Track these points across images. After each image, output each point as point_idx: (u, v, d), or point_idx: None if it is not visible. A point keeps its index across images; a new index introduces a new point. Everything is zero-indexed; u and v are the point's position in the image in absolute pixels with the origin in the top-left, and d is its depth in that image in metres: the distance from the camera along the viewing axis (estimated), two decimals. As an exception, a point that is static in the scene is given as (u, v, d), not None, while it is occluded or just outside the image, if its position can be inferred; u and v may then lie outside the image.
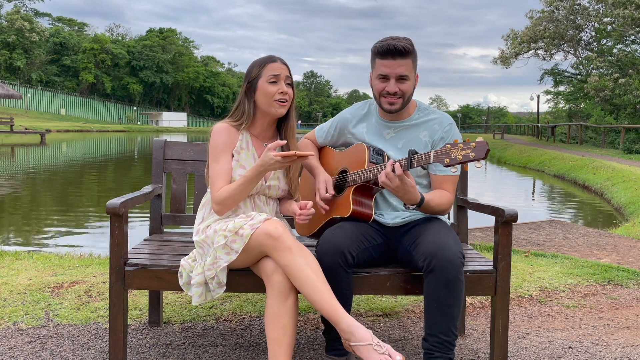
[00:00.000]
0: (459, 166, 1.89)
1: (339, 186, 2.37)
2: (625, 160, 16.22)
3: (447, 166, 1.90)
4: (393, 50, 2.18)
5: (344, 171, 2.37)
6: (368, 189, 2.29)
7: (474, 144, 1.86)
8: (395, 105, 2.26)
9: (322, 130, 2.56)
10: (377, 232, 2.28)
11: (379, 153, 2.30)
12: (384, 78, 2.24)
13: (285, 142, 2.06)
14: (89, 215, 8.29)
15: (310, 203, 2.16)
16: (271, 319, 1.98)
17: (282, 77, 2.20)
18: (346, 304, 2.12)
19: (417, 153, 2.02)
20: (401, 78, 2.22)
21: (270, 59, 2.21)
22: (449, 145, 1.91)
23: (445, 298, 2.00)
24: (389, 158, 2.30)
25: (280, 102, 2.19)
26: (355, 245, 2.13)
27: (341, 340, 2.13)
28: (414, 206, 2.12)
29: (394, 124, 2.35)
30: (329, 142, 2.55)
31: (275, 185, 2.26)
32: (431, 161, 1.95)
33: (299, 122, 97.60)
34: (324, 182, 2.34)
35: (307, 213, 2.14)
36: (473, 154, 1.85)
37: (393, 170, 2.01)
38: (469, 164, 1.89)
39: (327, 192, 2.31)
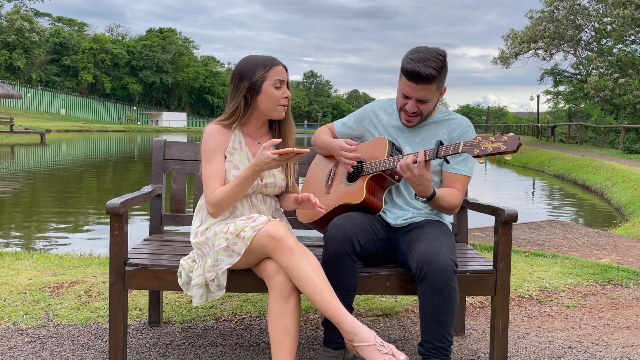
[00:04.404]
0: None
1: (352, 176, 2.38)
2: (625, 160, 16.23)
3: (475, 157, 1.93)
4: (417, 76, 2.15)
5: (360, 161, 2.38)
6: (382, 180, 2.30)
7: (506, 137, 1.89)
8: (412, 122, 2.31)
9: (340, 122, 2.60)
10: (383, 227, 2.30)
11: (399, 150, 2.32)
12: (406, 97, 2.25)
13: (280, 140, 2.05)
14: (89, 215, 8.28)
15: (311, 195, 2.14)
16: (273, 320, 1.98)
17: (285, 82, 2.21)
18: (350, 295, 2.12)
19: (443, 144, 2.04)
20: (421, 101, 2.23)
21: (274, 62, 2.19)
22: (480, 137, 1.94)
23: (438, 305, 2.00)
24: None
25: (284, 106, 2.21)
26: (364, 234, 2.15)
27: (339, 332, 2.14)
28: (424, 199, 2.13)
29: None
30: (346, 133, 2.57)
31: (271, 182, 2.26)
32: (460, 151, 1.98)
33: (306, 122, 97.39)
34: (343, 140, 2.40)
35: (314, 203, 2.12)
36: (504, 147, 1.87)
37: (414, 162, 2.04)
38: (498, 157, 1.92)
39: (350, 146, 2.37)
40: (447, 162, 2.18)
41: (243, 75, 2.18)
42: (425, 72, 2.14)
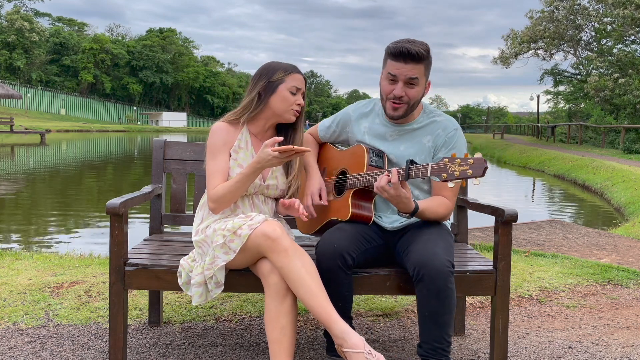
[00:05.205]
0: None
1: (339, 187, 2.36)
2: (625, 160, 16.23)
3: (444, 181, 1.89)
4: (406, 54, 2.12)
5: (343, 172, 2.36)
6: (367, 192, 2.28)
7: (471, 160, 1.84)
8: (398, 110, 2.22)
9: (324, 126, 2.54)
10: (377, 233, 2.28)
11: (379, 155, 2.28)
12: (393, 80, 2.19)
13: (282, 138, 2.06)
14: (89, 215, 8.28)
15: (297, 201, 2.13)
16: (270, 320, 1.98)
17: (301, 91, 2.24)
18: (346, 306, 2.12)
19: (415, 163, 2.01)
20: (410, 82, 2.17)
21: (296, 69, 2.24)
22: (446, 160, 1.89)
23: (436, 307, 1.99)
24: (389, 160, 2.30)
25: (296, 111, 2.23)
26: (355, 246, 2.12)
27: None
28: (407, 215, 2.12)
29: (398, 127, 2.31)
30: (329, 138, 2.53)
31: (273, 184, 2.26)
32: (428, 174, 1.94)
33: (307, 122, 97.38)
34: (318, 189, 2.34)
35: (305, 213, 2.12)
36: (470, 171, 1.83)
37: (389, 181, 2.01)
38: (467, 180, 1.88)
39: (320, 199, 2.31)
40: (423, 178, 2.12)
41: (263, 74, 2.23)
42: (413, 49, 2.12)
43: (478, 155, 1.86)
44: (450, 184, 1.89)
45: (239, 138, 2.24)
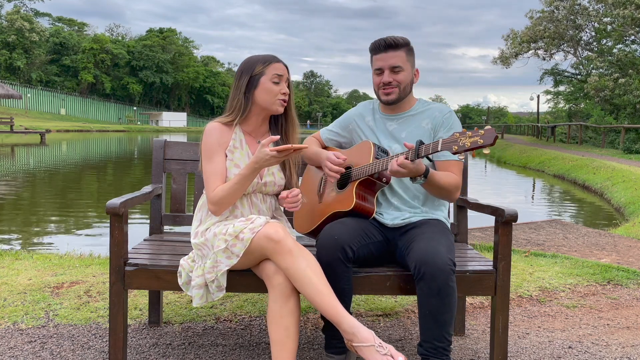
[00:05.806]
0: (465, 153, 1.91)
1: (342, 182, 2.37)
2: (625, 160, 16.23)
3: (454, 153, 1.92)
4: (382, 44, 2.31)
5: (348, 167, 2.38)
6: (371, 185, 2.30)
7: (482, 131, 1.89)
8: (391, 95, 2.33)
9: (327, 129, 2.61)
10: (378, 229, 2.29)
11: (385, 151, 2.31)
12: (380, 72, 2.34)
13: (278, 137, 2.06)
14: (89, 215, 8.29)
15: (296, 190, 2.15)
16: (273, 321, 1.98)
17: (284, 79, 2.22)
18: (346, 300, 2.12)
19: (424, 143, 2.03)
20: (394, 70, 2.31)
21: (275, 59, 2.22)
22: (457, 134, 1.93)
23: (437, 305, 2.00)
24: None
25: (283, 101, 2.22)
26: (356, 240, 2.14)
27: (340, 337, 2.14)
28: (421, 177, 2.11)
29: (396, 116, 2.40)
30: (333, 140, 2.57)
31: (271, 181, 2.26)
32: (439, 149, 1.97)
33: (308, 122, 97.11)
34: (332, 153, 2.35)
35: (293, 200, 2.14)
36: (481, 141, 1.87)
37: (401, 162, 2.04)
38: (477, 150, 1.91)
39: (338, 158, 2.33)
40: (430, 160, 2.17)
41: (244, 71, 2.22)
42: (389, 39, 2.32)
43: (488, 127, 1.91)
44: (461, 156, 1.93)
45: (233, 138, 2.23)
